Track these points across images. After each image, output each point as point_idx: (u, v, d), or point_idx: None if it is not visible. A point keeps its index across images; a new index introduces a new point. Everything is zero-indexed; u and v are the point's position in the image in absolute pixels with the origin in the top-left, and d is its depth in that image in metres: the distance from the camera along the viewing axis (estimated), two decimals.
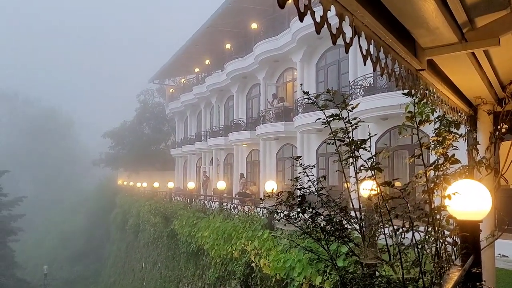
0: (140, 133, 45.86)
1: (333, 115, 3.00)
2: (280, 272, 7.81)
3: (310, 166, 3.53)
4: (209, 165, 30.34)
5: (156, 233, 20.07)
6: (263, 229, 9.91)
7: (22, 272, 33.65)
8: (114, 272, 32.09)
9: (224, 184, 15.11)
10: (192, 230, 14.15)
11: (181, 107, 34.88)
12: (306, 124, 16.16)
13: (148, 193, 27.34)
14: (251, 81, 23.95)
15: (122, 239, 31.34)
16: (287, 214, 3.09)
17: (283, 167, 20.64)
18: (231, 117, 26.14)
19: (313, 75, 18.00)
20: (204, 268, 13.29)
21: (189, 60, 30.98)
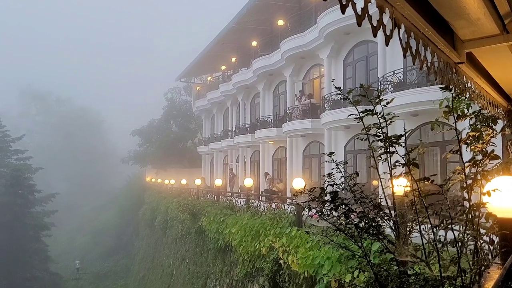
0: (168, 131, 46.46)
1: (366, 111, 2.95)
2: (309, 270, 7.78)
3: (343, 163, 3.49)
4: (235, 163, 30.48)
5: (184, 230, 20.32)
6: (291, 226, 9.90)
7: (55, 266, 34.70)
8: (143, 268, 32.69)
9: (251, 181, 15.16)
10: (219, 227, 14.26)
11: (208, 104, 35.13)
12: (333, 121, 16.02)
13: (176, 190, 27.71)
14: (277, 78, 23.89)
15: (151, 235, 31.88)
16: (320, 210, 3.06)
17: (310, 164, 20.52)
18: (258, 114, 26.15)
19: (340, 71, 17.81)
20: (232, 264, 13.38)
21: (216, 58, 31.17)
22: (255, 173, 26.04)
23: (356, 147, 16.66)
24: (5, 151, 37.74)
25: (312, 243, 8.12)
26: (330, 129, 17.14)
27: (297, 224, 9.73)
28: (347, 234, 3.00)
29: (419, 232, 2.92)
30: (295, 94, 20.96)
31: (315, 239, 8.01)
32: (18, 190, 31.30)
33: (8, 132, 38.58)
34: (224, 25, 26.49)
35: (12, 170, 32.89)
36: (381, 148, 3.01)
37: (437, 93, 10.49)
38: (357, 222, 2.94)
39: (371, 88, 3.39)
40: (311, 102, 19.16)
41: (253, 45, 25.35)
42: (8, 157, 37.88)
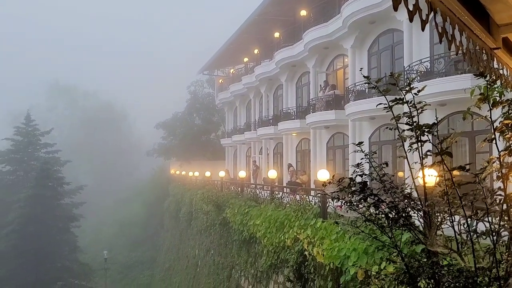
0: (191, 123, 46.86)
1: (396, 99, 2.90)
2: (335, 261, 7.75)
3: (372, 153, 3.44)
4: (258, 155, 30.52)
5: (208, 221, 20.53)
6: (315, 218, 9.87)
7: (84, 257, 35.62)
8: (169, 259, 33.25)
9: (275, 173, 15.15)
10: (244, 219, 14.34)
11: (231, 97, 35.21)
12: (358, 111, 15.82)
13: (200, 182, 27.97)
14: (300, 70, 23.73)
15: (176, 226, 32.35)
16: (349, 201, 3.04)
17: (334, 156, 20.36)
18: (280, 106, 26.06)
19: (365, 61, 17.53)
20: (257, 255, 13.45)
21: (238, 50, 31.15)
22: (278, 165, 26.02)
23: (381, 138, 16.42)
24: (34, 145, 38.82)
25: (338, 235, 8.08)
26: (355, 120, 16.94)
27: (322, 215, 9.70)
28: (377, 225, 2.97)
29: (450, 222, 2.87)
30: (320, 85, 20.78)
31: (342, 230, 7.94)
32: (47, 183, 32.18)
33: (37, 126, 39.64)
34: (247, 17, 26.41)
35: (42, 163, 33.83)
36: (411, 137, 2.95)
37: (466, 82, 10.25)
38: (387, 213, 2.90)
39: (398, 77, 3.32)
40: (335, 93, 18.96)
41: (275, 37, 25.20)
42: (37, 150, 38.96)
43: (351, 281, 7.17)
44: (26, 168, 37.58)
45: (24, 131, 38.67)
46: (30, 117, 39.27)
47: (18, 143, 38.27)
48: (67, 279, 32.37)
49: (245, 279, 14.38)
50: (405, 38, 14.56)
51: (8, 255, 29.87)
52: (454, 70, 11.68)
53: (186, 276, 25.08)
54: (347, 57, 18.66)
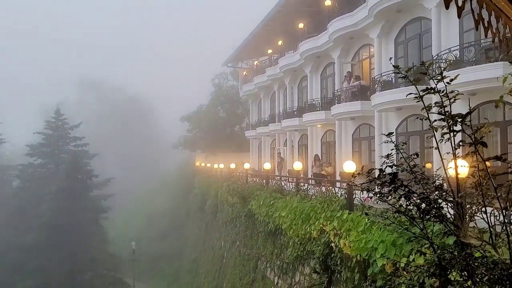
0: (216, 116, 47.11)
1: (428, 89, 2.84)
2: (362, 253, 7.71)
3: (402, 143, 3.39)
4: (283, 147, 30.48)
5: (234, 213, 20.70)
6: (342, 209, 9.82)
7: (113, 248, 36.52)
8: (195, 250, 33.73)
9: (300, 165, 15.11)
10: (269, 210, 14.40)
11: (255, 89, 35.18)
12: (385, 102, 15.55)
13: (225, 174, 28.17)
14: (325, 60, 23.48)
15: (202, 218, 32.74)
16: (379, 192, 3.01)
17: (360, 147, 20.13)
18: (305, 97, 25.88)
19: (391, 51, 17.18)
20: (282, 247, 13.50)
21: (262, 42, 31.04)
22: (303, 157, 25.92)
23: (408, 129, 16.13)
24: (64, 138, 39.86)
25: (365, 227, 8.02)
26: (381, 111, 16.68)
27: (348, 207, 9.64)
28: (408, 216, 2.93)
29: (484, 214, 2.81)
30: (345, 75, 20.53)
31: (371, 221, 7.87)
32: (77, 175, 33.05)
33: (67, 120, 40.66)
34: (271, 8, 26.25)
35: (72, 156, 34.77)
36: (443, 128, 2.89)
37: (498, 70, 9.93)
38: (418, 204, 2.86)
39: (430, 66, 3.24)
40: (361, 84, 18.69)
41: (299, 28, 24.98)
42: (67, 144, 39.99)
43: (379, 273, 7.13)
44: (57, 161, 38.66)
45: (54, 125, 39.74)
46: (60, 111, 40.31)
47: (48, 137, 39.37)
48: (97, 270, 33.28)
49: (271, 270, 14.46)
50: (433, 26, 14.19)
51: (41, 245, 30.91)
52: (485, 59, 11.33)
53: (212, 267, 25.39)
54: (373, 47, 18.34)
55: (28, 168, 38.91)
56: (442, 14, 13.86)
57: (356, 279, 8.15)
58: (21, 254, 31.99)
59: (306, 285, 11.14)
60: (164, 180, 57.64)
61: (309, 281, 10.97)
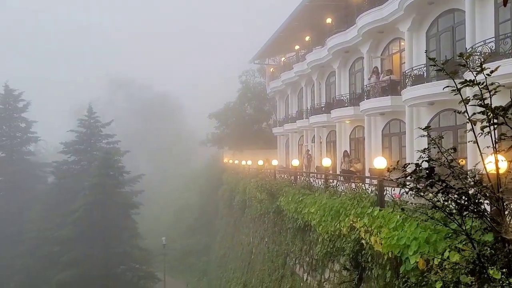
0: (243, 113, 47.27)
1: (466, 81, 2.76)
2: (394, 250, 7.58)
3: (439, 137, 3.32)
4: (311, 143, 30.32)
5: (262, 209, 20.73)
6: (372, 206, 9.69)
7: (143, 242, 37.20)
8: (224, 246, 34.00)
9: (329, 161, 14.99)
10: (298, 207, 14.35)
11: (282, 85, 35.10)
12: (416, 97, 15.23)
13: (253, 171, 28.25)
14: (353, 55, 23.17)
15: (230, 214, 32.97)
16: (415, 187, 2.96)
17: (390, 143, 19.79)
18: (333, 93, 25.65)
19: (422, 44, 16.79)
20: (311, 243, 13.44)
21: (289, 38, 30.89)
22: (331, 154, 25.71)
23: (441, 124, 15.74)
24: (96, 136, 40.88)
25: (397, 223, 7.89)
26: (412, 105, 16.33)
27: (379, 204, 9.50)
28: (445, 212, 2.87)
29: None
30: (372, 70, 20.21)
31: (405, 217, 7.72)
32: (109, 172, 33.80)
33: (99, 118, 41.67)
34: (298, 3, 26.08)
35: (104, 153, 35.58)
36: (482, 121, 2.81)
37: None
38: (456, 199, 2.79)
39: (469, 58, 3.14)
40: (391, 78, 18.36)
41: (327, 22, 24.72)
42: (99, 141, 41.01)
43: (412, 270, 7.00)
44: (90, 158, 39.69)
45: (87, 123, 40.79)
46: (92, 110, 41.35)
47: (81, 135, 40.47)
48: (129, 264, 34.03)
49: (300, 266, 14.43)
50: (467, 18, 13.77)
51: (75, 239, 31.86)
52: None
53: (241, 263, 25.55)
54: (404, 40, 17.97)
55: (63, 165, 40.12)
56: (477, 5, 13.43)
57: (388, 276, 8.04)
58: (57, 247, 33.09)
59: (336, 282, 11.06)
60: (192, 176, 58.34)
61: (339, 278, 10.90)
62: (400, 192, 8.72)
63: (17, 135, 41.68)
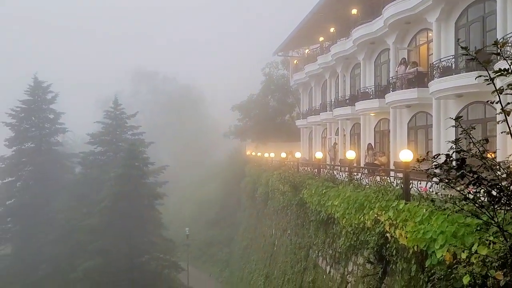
0: (266, 105, 47.23)
1: (501, 70, 2.69)
2: (419, 244, 7.49)
3: (471, 128, 3.25)
4: (334, 136, 30.10)
5: (285, 201, 20.75)
6: (398, 199, 9.57)
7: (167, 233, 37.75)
8: (246, 237, 34.23)
9: (354, 154, 14.86)
10: (321, 199, 14.30)
11: (306, 78, 34.87)
12: (444, 89, 14.89)
13: (276, 164, 28.26)
14: (379, 47, 22.80)
15: (253, 206, 33.12)
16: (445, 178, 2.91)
17: (416, 136, 19.45)
18: (358, 85, 25.34)
19: (451, 35, 16.38)
20: (335, 236, 13.39)
21: (313, 30, 30.62)
22: (355, 146, 25.46)
23: (469, 117, 15.36)
24: (122, 127, 41.54)
25: (423, 217, 7.78)
26: (439, 98, 15.99)
27: (404, 197, 9.38)
28: (476, 204, 2.82)
29: None
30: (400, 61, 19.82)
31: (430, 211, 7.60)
32: (134, 163, 34.33)
33: (124, 110, 42.32)
34: None
35: (129, 145, 36.12)
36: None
37: None
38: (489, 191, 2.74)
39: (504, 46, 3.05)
40: (418, 70, 17.99)
41: (352, 13, 24.38)
42: (125, 132, 41.67)
43: (438, 264, 6.91)
44: (115, 149, 40.41)
45: (112, 115, 41.47)
46: (118, 102, 42.01)
47: (107, 126, 41.19)
48: (153, 253, 34.63)
49: (323, 259, 14.42)
50: (498, 7, 13.36)
51: (102, 228, 32.60)
52: None
53: (263, 254, 25.68)
54: (431, 31, 17.56)
55: (89, 156, 40.97)
56: None
57: (413, 270, 7.95)
58: (83, 236, 33.91)
59: (360, 275, 11.01)
60: (215, 168, 58.77)
61: (363, 271, 10.84)
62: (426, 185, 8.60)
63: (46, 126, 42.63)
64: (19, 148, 41.36)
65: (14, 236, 39.06)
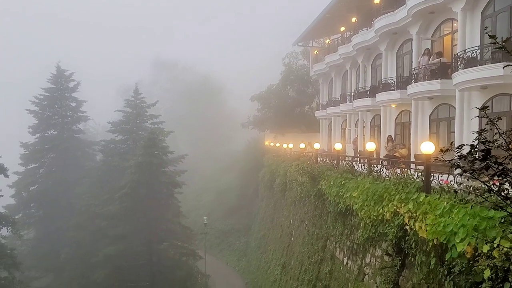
0: (285, 96, 47.05)
1: None
2: (439, 237, 7.40)
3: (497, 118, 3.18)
4: (354, 127, 29.82)
5: (303, 192, 20.74)
6: (418, 192, 9.46)
7: (185, 221, 38.21)
8: (263, 227, 34.41)
9: (373, 146, 14.71)
10: (340, 191, 14.25)
11: (326, 68, 34.55)
12: (468, 80, 14.55)
13: (294, 154, 28.21)
14: (402, 37, 22.38)
15: (270, 196, 33.22)
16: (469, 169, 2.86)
17: (438, 129, 19.11)
18: (379, 76, 24.98)
19: (477, 25, 15.95)
20: (353, 228, 13.35)
21: (334, 20, 30.23)
22: (375, 138, 25.17)
23: (494, 109, 15.00)
24: (142, 116, 41.95)
25: (444, 210, 7.67)
26: (463, 90, 15.64)
27: (425, 189, 9.26)
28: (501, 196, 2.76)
29: None
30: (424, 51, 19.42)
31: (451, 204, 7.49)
32: (154, 151, 34.69)
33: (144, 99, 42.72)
34: None
35: (149, 133, 36.48)
36: None
37: None
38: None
39: None
40: (441, 61, 17.61)
41: (375, 3, 23.94)
42: (145, 121, 42.07)
43: (458, 258, 6.82)
44: (135, 138, 40.87)
45: (133, 104, 41.90)
46: (138, 91, 42.42)
47: (128, 114, 41.66)
48: (172, 241, 35.13)
49: (340, 250, 14.40)
50: None
51: (122, 215, 33.20)
52: None
53: (280, 244, 25.80)
54: (456, 21, 17.13)
55: (110, 144, 41.56)
56: None
57: (432, 263, 7.88)
58: (104, 222, 34.60)
59: (377, 267, 10.97)
60: (233, 158, 59.01)
61: (381, 263, 10.79)
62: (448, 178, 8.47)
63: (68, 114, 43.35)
64: (42, 135, 42.25)
65: (37, 221, 40.13)
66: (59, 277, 36.08)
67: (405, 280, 9.38)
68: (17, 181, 40.25)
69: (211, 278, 34.67)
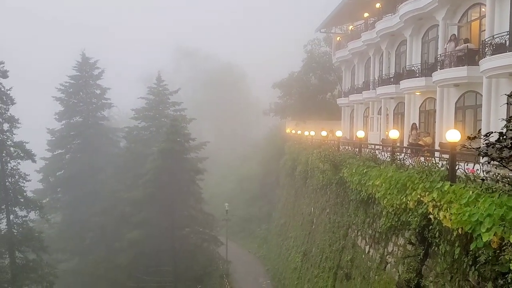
0: (307, 83, 46.68)
1: None
2: (464, 226, 7.29)
3: None
4: (377, 115, 29.44)
5: (324, 180, 20.68)
6: (442, 180, 9.31)
7: (207, 207, 38.70)
8: (284, 214, 34.51)
9: (397, 133, 14.53)
10: (362, 179, 14.15)
11: (348, 55, 34.08)
12: (496, 67, 14.13)
13: (316, 142, 28.07)
14: (428, 23, 21.83)
15: (291, 184, 33.22)
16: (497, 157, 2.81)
17: (464, 117, 18.68)
18: (403, 63, 24.50)
19: (506, 11, 15.40)
20: (375, 216, 13.27)
21: (358, 6, 29.67)
22: (399, 126, 24.80)
23: None
24: (164, 103, 42.46)
25: (469, 199, 7.54)
26: (491, 77, 15.21)
27: (450, 178, 9.11)
28: None
29: None
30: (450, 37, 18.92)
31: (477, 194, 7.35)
32: (176, 138, 35.09)
33: (167, 86, 43.12)
34: None
35: (171, 120, 36.91)
36: None
37: None
38: None
39: None
40: (468, 47, 17.14)
41: None
42: (167, 108, 42.58)
43: (483, 248, 6.72)
44: (158, 124, 41.43)
45: (155, 91, 42.40)
46: (161, 78, 42.81)
47: (151, 102, 42.22)
48: (194, 227, 35.68)
49: (362, 239, 14.36)
50: None
51: (145, 201, 33.84)
52: None
53: (301, 232, 25.87)
54: (485, 6, 16.59)
55: (133, 130, 42.28)
56: None
57: (456, 253, 7.78)
58: (128, 207, 35.35)
59: (400, 256, 10.91)
60: (255, 145, 59.13)
61: (403, 252, 10.72)
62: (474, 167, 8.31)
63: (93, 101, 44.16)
64: (68, 122, 43.23)
65: (63, 206, 41.31)
66: (84, 260, 37.19)
67: (428, 269, 9.31)
68: (44, 167, 41.43)
69: (232, 264, 35.09)
